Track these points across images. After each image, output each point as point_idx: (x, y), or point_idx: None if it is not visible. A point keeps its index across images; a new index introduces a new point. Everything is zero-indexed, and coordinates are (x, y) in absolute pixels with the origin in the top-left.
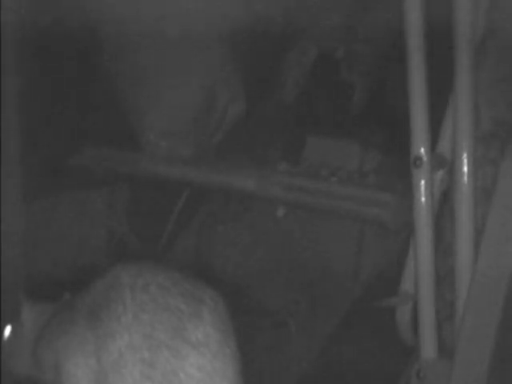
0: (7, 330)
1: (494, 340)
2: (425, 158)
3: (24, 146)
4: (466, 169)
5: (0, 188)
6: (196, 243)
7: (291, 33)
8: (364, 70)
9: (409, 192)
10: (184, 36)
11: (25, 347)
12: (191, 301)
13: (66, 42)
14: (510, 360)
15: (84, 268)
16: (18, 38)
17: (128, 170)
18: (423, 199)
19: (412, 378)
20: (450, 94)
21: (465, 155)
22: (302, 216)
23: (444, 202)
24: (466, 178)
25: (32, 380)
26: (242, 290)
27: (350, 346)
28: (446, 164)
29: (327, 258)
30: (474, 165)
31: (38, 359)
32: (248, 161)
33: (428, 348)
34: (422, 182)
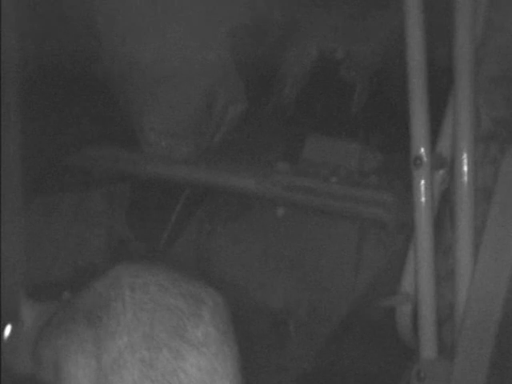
0: (7, 330)
1: (494, 340)
2: (425, 158)
3: (24, 146)
4: (466, 169)
5: (0, 188)
6: (196, 243)
7: (291, 33)
8: (364, 70)
9: (409, 192)
10: (184, 35)
11: (25, 347)
12: (191, 300)
13: (66, 41)
14: (510, 360)
15: (84, 268)
16: (17, 38)
17: (128, 169)
18: (423, 199)
19: (412, 379)
20: (450, 93)
21: (465, 155)
22: (302, 216)
23: (444, 202)
24: (466, 178)
25: (32, 380)
26: (242, 290)
27: (350, 346)
28: (446, 164)
29: (327, 258)
30: (474, 165)
31: (38, 359)
32: (248, 161)
33: (428, 348)
34: (422, 182)
